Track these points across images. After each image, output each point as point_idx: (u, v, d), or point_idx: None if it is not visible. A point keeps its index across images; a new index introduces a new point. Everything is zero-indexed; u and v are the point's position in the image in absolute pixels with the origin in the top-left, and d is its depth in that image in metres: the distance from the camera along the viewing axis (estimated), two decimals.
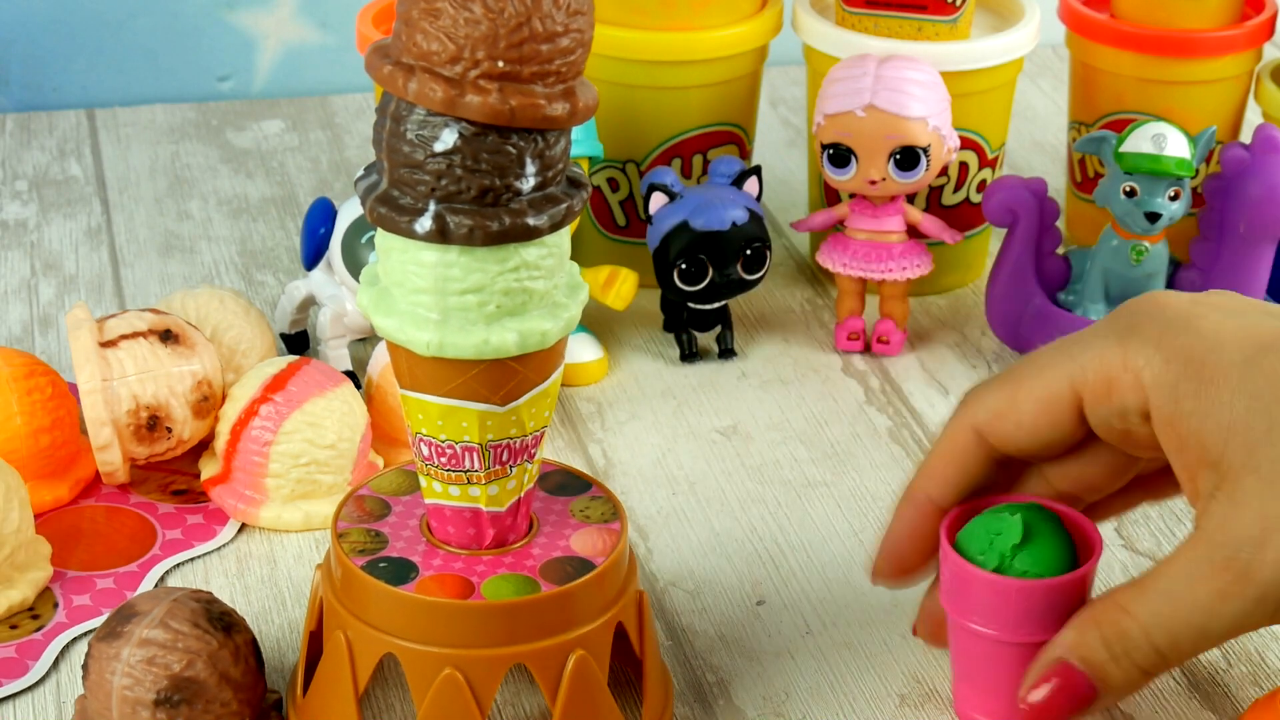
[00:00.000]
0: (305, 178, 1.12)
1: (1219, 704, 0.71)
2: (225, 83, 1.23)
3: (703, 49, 0.95)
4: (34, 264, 1.01)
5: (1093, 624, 0.62)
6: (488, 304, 0.61)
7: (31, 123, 1.17)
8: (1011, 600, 0.64)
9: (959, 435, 0.66)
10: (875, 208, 0.93)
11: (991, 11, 1.01)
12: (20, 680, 0.70)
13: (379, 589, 0.65)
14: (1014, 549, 0.64)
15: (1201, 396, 0.60)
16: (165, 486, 0.82)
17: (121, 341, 0.79)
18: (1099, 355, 0.63)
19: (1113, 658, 0.61)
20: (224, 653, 0.65)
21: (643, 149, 0.97)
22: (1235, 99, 1.00)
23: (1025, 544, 0.64)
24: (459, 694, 0.64)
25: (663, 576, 0.78)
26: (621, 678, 0.71)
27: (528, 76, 0.59)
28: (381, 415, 0.83)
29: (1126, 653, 0.61)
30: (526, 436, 0.65)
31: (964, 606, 0.65)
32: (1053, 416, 0.64)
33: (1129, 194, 0.89)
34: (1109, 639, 0.61)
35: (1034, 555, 0.64)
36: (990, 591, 0.64)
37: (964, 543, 0.65)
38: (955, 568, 0.65)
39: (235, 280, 1.00)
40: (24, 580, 0.74)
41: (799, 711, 0.70)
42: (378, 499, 0.69)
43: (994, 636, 0.65)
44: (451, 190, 0.60)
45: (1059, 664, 0.62)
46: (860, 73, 0.91)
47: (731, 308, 0.96)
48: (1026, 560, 0.64)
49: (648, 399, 0.91)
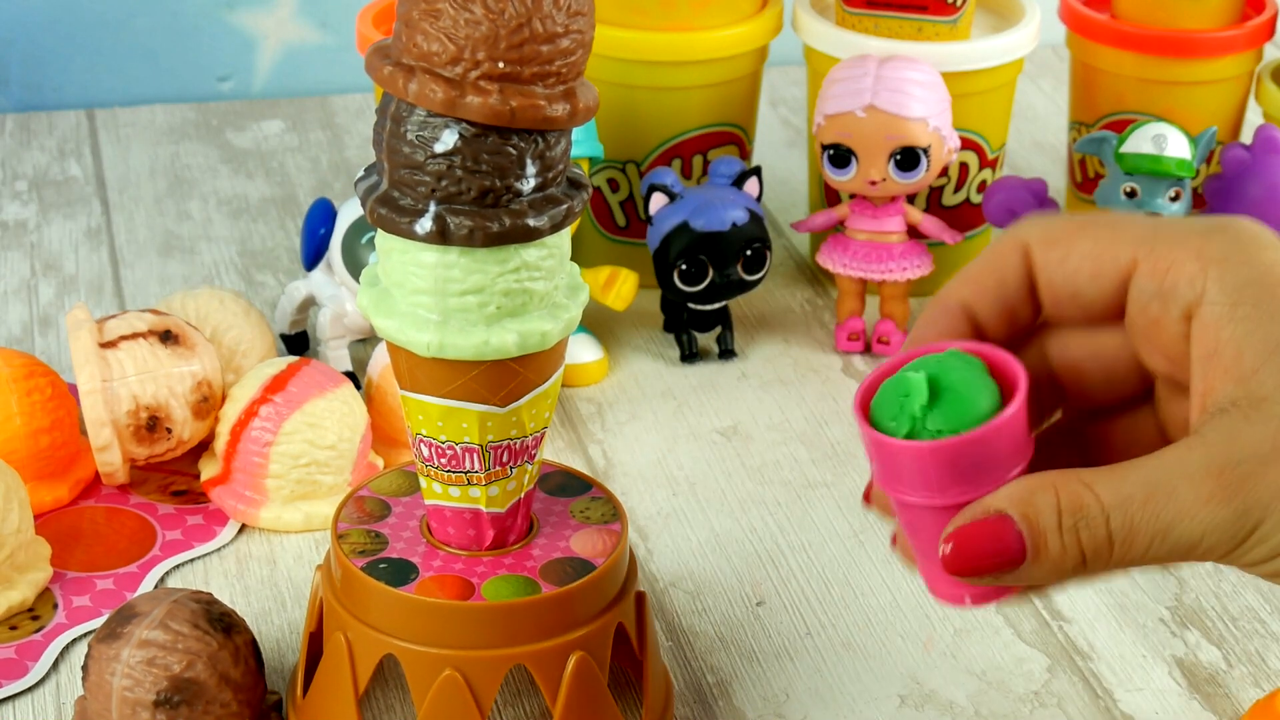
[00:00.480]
0: (305, 178, 1.12)
1: (1219, 704, 0.71)
2: (225, 83, 1.23)
3: (703, 49, 0.95)
4: (34, 264, 1.01)
5: (1050, 488, 0.58)
6: (488, 305, 0.61)
7: (31, 123, 1.17)
8: (930, 464, 0.59)
9: (1006, 246, 0.62)
10: (875, 208, 0.93)
11: (991, 12, 1.01)
12: (20, 681, 0.70)
13: (379, 590, 0.65)
14: (923, 409, 0.59)
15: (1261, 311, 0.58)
16: (165, 487, 0.82)
17: (121, 342, 0.79)
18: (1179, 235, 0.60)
19: (1059, 527, 0.58)
20: (224, 654, 0.65)
21: (643, 149, 0.97)
22: (1236, 99, 1.00)
23: (935, 402, 0.59)
24: (459, 695, 0.64)
25: (663, 577, 0.78)
26: (622, 678, 0.71)
27: (528, 77, 0.59)
28: (381, 416, 0.83)
29: (1076, 527, 0.58)
30: (527, 437, 0.65)
31: (889, 476, 0.60)
32: (1099, 267, 0.61)
33: (1129, 194, 0.89)
34: (1063, 507, 0.58)
35: (946, 412, 0.59)
36: (905, 457, 0.59)
37: (876, 411, 0.60)
38: (870, 440, 0.60)
39: (235, 281, 1.00)
40: (24, 581, 0.74)
41: (799, 712, 0.70)
42: (378, 500, 0.69)
43: (921, 503, 0.60)
44: (452, 191, 0.60)
45: (997, 515, 0.58)
46: (860, 73, 0.91)
47: (731, 308, 0.96)
48: (939, 419, 0.59)
49: (648, 399, 0.91)
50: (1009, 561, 0.58)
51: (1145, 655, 0.74)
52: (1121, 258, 0.60)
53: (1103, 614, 0.76)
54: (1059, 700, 0.71)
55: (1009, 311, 0.63)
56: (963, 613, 0.76)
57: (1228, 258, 0.59)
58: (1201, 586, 0.78)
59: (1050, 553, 0.58)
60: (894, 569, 0.78)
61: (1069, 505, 0.58)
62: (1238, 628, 0.76)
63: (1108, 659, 0.74)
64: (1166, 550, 0.57)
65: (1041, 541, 0.58)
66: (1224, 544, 0.57)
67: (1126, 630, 0.75)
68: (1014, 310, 0.63)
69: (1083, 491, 0.58)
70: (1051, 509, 0.58)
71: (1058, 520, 0.58)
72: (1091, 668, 0.73)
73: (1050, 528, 0.58)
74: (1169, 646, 0.74)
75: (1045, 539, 0.58)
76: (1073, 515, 0.58)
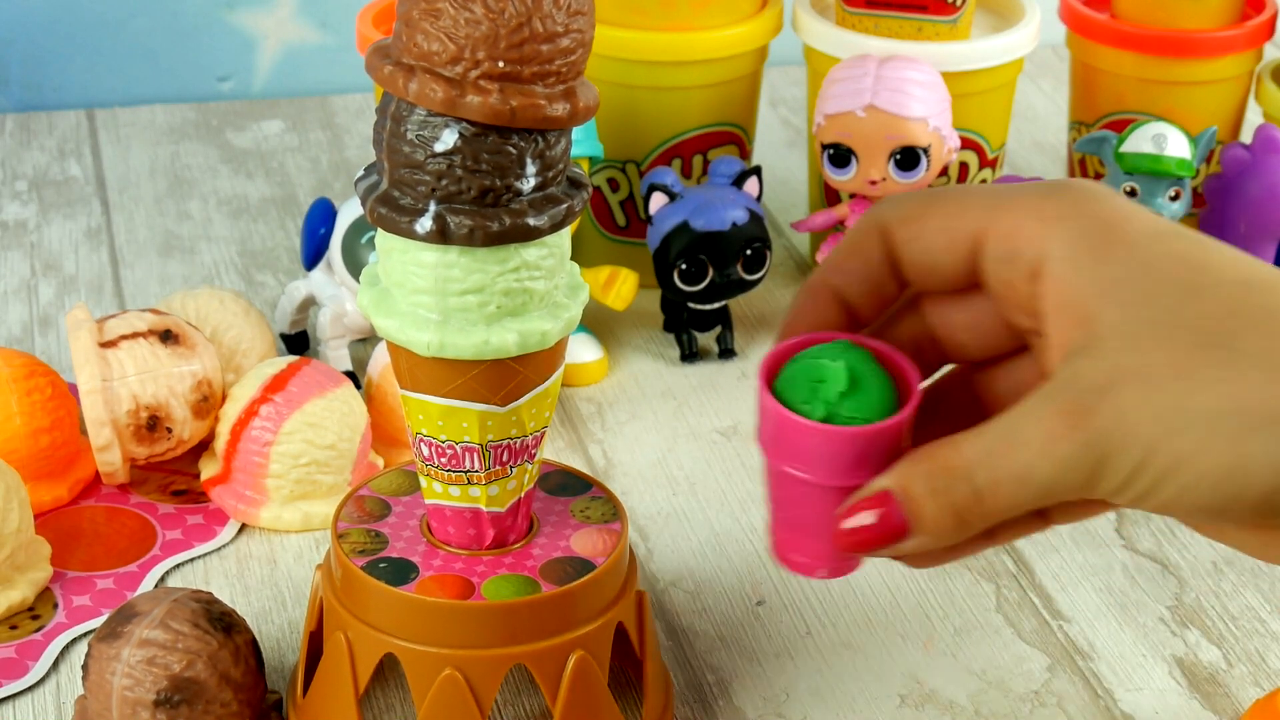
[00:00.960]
0: (305, 178, 1.12)
1: (1219, 704, 0.71)
2: (225, 83, 1.23)
3: (703, 49, 0.95)
4: (34, 264, 1.01)
5: (923, 457, 0.61)
6: (488, 304, 0.61)
7: (31, 123, 1.17)
8: (841, 448, 0.63)
9: (866, 229, 0.66)
10: None
11: (991, 11, 1.01)
12: (20, 680, 0.70)
13: (379, 589, 0.65)
14: (840, 396, 0.63)
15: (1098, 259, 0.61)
16: (165, 487, 0.82)
17: (121, 342, 0.79)
18: (1019, 200, 0.63)
19: (931, 492, 0.61)
20: (224, 653, 0.65)
21: (643, 149, 0.97)
22: (1236, 99, 1.00)
23: (851, 390, 0.63)
24: (459, 694, 0.64)
25: (663, 577, 0.78)
26: (622, 678, 0.71)
27: (528, 77, 0.59)
28: (381, 415, 0.83)
29: (945, 489, 0.60)
30: (527, 437, 0.65)
31: (787, 452, 0.64)
32: (952, 239, 0.64)
33: (1129, 194, 0.89)
34: (932, 472, 0.61)
35: (860, 401, 0.63)
36: (819, 440, 0.63)
37: (784, 390, 0.64)
38: (779, 418, 0.63)
39: (235, 280, 1.00)
40: (24, 580, 0.74)
41: (799, 712, 0.70)
42: (378, 499, 0.69)
43: (817, 481, 0.64)
44: (452, 190, 0.60)
45: (881, 493, 0.61)
46: (860, 73, 0.91)
47: (731, 308, 0.96)
48: (853, 407, 0.63)
49: (648, 399, 0.91)
50: (894, 534, 0.61)
51: (1145, 655, 0.74)
52: (970, 228, 0.63)
53: (1103, 613, 0.76)
54: (1059, 700, 0.71)
55: (876, 290, 0.66)
56: (962, 612, 0.76)
57: (1063, 215, 0.62)
58: (1202, 586, 0.78)
59: (926, 518, 0.61)
60: (894, 569, 0.78)
61: (937, 469, 0.60)
62: (1238, 627, 0.76)
63: (1108, 658, 0.74)
64: (1031, 494, 0.59)
65: (917, 508, 0.61)
66: (1079, 478, 0.59)
67: (1126, 630, 0.75)
68: (880, 288, 0.66)
69: (950, 454, 0.60)
70: (923, 476, 0.61)
71: (928, 485, 0.60)
72: (1091, 667, 0.73)
73: (922, 494, 0.60)
74: (1169, 646, 0.74)
75: (919, 505, 0.61)
76: (941, 478, 0.60)
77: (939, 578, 0.77)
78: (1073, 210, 0.62)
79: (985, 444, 0.60)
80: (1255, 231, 0.90)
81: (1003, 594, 0.77)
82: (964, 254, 0.64)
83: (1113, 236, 0.61)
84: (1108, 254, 0.60)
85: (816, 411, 0.63)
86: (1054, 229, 0.62)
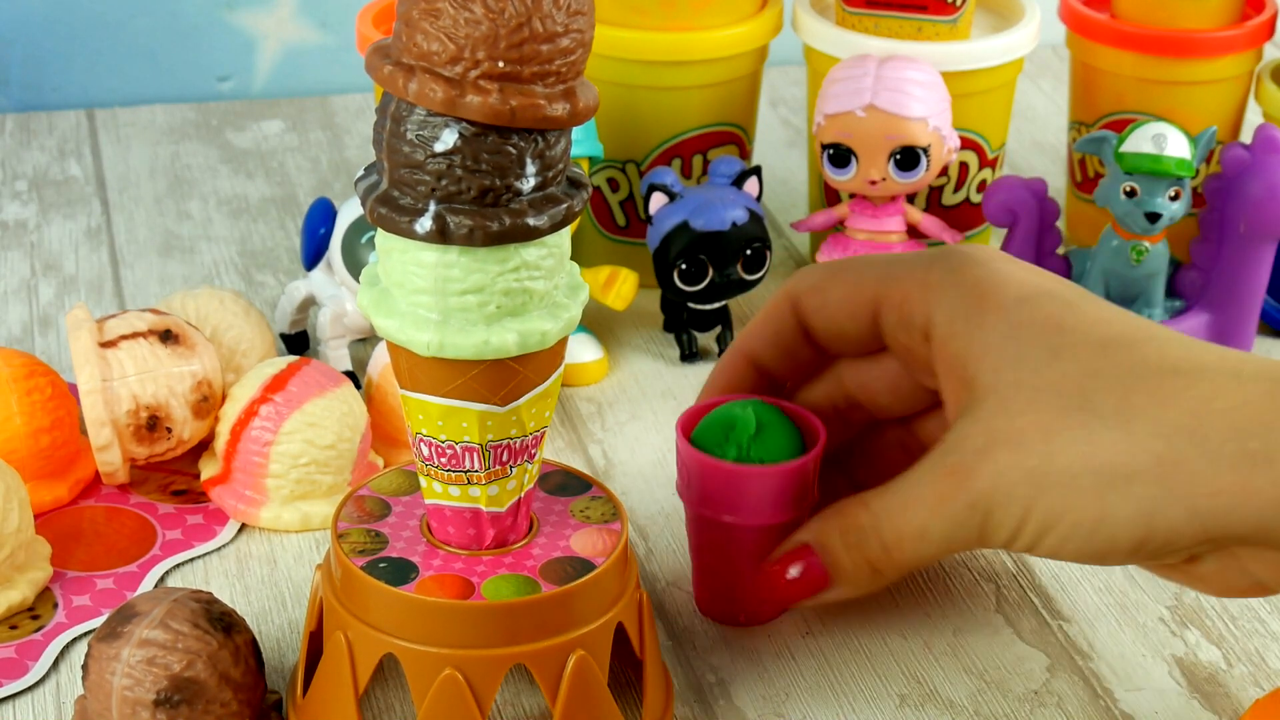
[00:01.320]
0: (305, 178, 1.12)
1: (1219, 704, 0.71)
2: (225, 83, 1.23)
3: (703, 49, 0.95)
4: (34, 264, 1.01)
5: (836, 514, 0.66)
6: (488, 304, 0.61)
7: (31, 123, 1.17)
8: (752, 486, 0.68)
9: (779, 299, 0.71)
10: (875, 208, 0.93)
11: (991, 11, 1.01)
12: (20, 680, 0.70)
13: (379, 589, 0.65)
14: (749, 440, 0.69)
15: (974, 323, 0.65)
16: (165, 487, 0.82)
17: (121, 342, 0.79)
18: (908, 270, 0.68)
19: (845, 547, 0.66)
20: (224, 653, 0.65)
21: (643, 149, 0.97)
22: (1236, 99, 1.00)
23: (759, 434, 0.69)
24: (459, 694, 0.64)
25: (663, 577, 0.78)
26: (622, 678, 0.71)
27: (528, 77, 0.59)
28: (381, 415, 0.83)
29: (857, 544, 0.65)
30: (527, 437, 0.65)
31: (704, 497, 0.70)
32: (853, 309, 0.69)
33: (1129, 194, 0.89)
34: (845, 529, 0.66)
35: (767, 445, 0.69)
36: (731, 479, 0.69)
37: (700, 439, 0.70)
38: (696, 461, 0.69)
39: (235, 280, 1.00)
40: (24, 580, 0.74)
41: (799, 711, 0.70)
42: (378, 499, 0.69)
43: (732, 522, 0.69)
44: (451, 190, 0.60)
45: (802, 547, 0.67)
46: (860, 73, 0.91)
47: (732, 308, 0.96)
48: (761, 449, 0.69)
49: (648, 399, 0.91)
50: (817, 585, 0.67)
51: (1145, 655, 0.74)
52: (867, 296, 0.69)
53: (1102, 613, 0.76)
54: (1059, 700, 0.71)
55: (789, 356, 0.72)
56: (962, 612, 0.76)
57: (944, 283, 0.67)
58: None
59: (844, 571, 0.66)
60: None
61: (849, 525, 0.66)
62: (1238, 627, 0.76)
63: (1108, 658, 0.74)
64: (932, 549, 0.64)
65: (835, 561, 0.66)
66: (971, 534, 0.63)
67: (1126, 630, 0.75)
68: (794, 354, 0.72)
69: (860, 511, 0.66)
70: (837, 532, 0.66)
71: (842, 541, 0.66)
72: (1091, 667, 0.73)
73: (838, 549, 0.66)
74: (1169, 646, 0.74)
75: (837, 558, 0.66)
76: (852, 534, 0.66)
77: (939, 578, 0.77)
78: (951, 278, 0.66)
79: (886, 503, 0.65)
80: (1255, 231, 0.90)
81: (1003, 594, 0.77)
82: (866, 321, 0.69)
83: (986, 303, 0.65)
84: (981, 320, 0.65)
85: (729, 454, 0.69)
86: (936, 296, 0.66)
